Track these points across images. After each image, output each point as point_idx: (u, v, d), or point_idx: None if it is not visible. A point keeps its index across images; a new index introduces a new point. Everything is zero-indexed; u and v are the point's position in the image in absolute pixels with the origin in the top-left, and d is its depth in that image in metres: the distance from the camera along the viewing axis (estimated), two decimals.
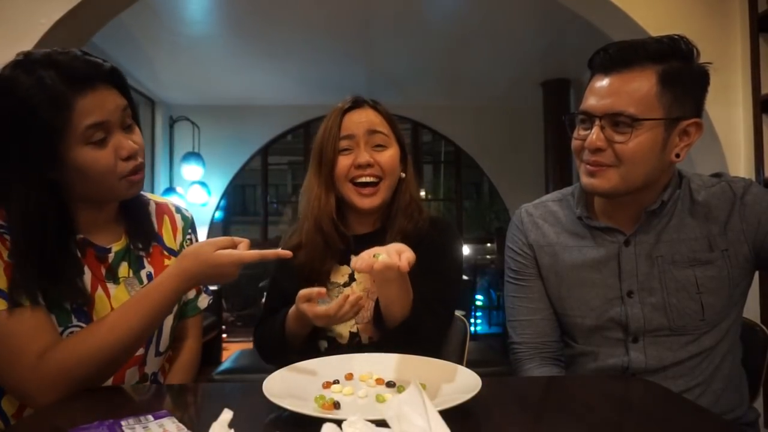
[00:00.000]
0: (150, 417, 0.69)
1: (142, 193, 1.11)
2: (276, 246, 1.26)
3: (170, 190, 5.03)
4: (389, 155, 1.12)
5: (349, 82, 4.95)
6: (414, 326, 1.02)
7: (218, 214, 5.67)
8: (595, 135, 0.98)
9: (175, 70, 4.60)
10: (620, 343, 1.07)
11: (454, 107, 5.63)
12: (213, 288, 4.55)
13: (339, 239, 1.14)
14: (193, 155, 5.18)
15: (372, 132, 1.11)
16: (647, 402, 0.83)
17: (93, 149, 0.92)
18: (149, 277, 1.08)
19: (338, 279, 1.17)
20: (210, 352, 4.16)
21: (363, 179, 1.10)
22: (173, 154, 5.39)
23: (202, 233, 5.47)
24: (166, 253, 1.13)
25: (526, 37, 4.02)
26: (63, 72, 0.89)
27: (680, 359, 1.04)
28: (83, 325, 0.96)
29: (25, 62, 0.92)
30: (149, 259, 1.10)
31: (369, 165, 1.10)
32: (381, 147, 1.12)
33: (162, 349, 1.11)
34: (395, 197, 1.18)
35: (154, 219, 1.14)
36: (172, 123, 5.39)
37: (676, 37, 0.98)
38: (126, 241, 1.07)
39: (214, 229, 5.62)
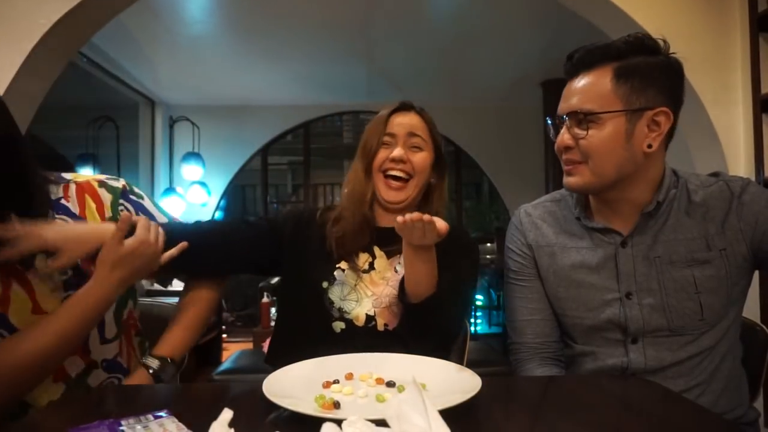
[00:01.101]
0: (150, 417, 0.69)
1: (62, 175, 1.10)
2: None
3: (170, 190, 5.03)
4: (422, 156, 1.20)
5: (349, 82, 4.95)
6: (437, 306, 1.05)
7: (218, 214, 5.67)
8: (563, 135, 1.05)
9: (175, 70, 4.60)
10: (619, 343, 1.07)
11: (454, 107, 5.62)
12: None
13: (366, 226, 1.21)
14: (193, 155, 5.18)
15: (411, 134, 1.20)
16: (647, 402, 0.83)
17: None
18: (74, 268, 1.03)
19: (359, 264, 1.20)
20: (210, 352, 4.16)
21: (394, 172, 1.19)
22: (173, 154, 5.39)
23: None
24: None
25: (526, 37, 4.02)
26: None
27: (680, 359, 1.04)
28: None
29: None
30: None
31: (402, 161, 1.18)
32: (417, 148, 1.21)
33: (109, 336, 1.09)
34: (424, 202, 1.25)
35: (75, 203, 1.08)
36: (172, 123, 5.39)
37: (640, 35, 1.03)
38: None
39: None
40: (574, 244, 1.12)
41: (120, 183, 1.15)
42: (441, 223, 0.95)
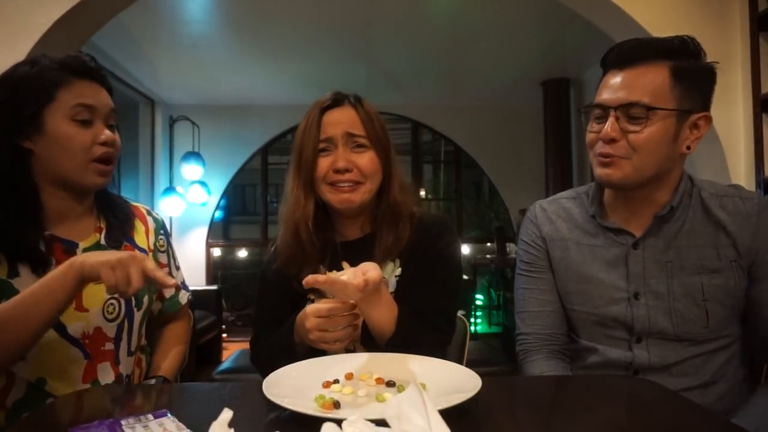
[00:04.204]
0: (150, 417, 0.69)
1: (122, 196, 1.19)
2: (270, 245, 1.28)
3: (170, 189, 5.02)
4: (368, 158, 1.07)
5: (349, 81, 4.94)
6: (403, 342, 0.99)
7: (218, 214, 5.66)
8: (609, 126, 1.01)
9: (175, 70, 4.60)
10: (624, 342, 1.08)
11: (454, 107, 5.62)
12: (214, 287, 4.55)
13: (319, 245, 1.09)
14: (193, 155, 5.17)
15: (350, 135, 1.07)
16: (648, 401, 0.82)
17: (75, 126, 1.00)
18: None
19: None
20: (210, 352, 4.16)
21: (342, 184, 1.06)
22: (173, 153, 5.38)
23: (201, 233, 5.47)
24: (137, 252, 1.16)
25: (526, 36, 4.01)
26: (63, 62, 1.01)
27: (683, 358, 1.05)
28: None
29: (31, 59, 1.02)
30: None
31: (347, 170, 1.06)
32: (361, 148, 1.08)
33: (133, 348, 1.13)
34: (380, 201, 1.13)
35: None
36: (172, 123, 5.38)
37: (685, 37, 1.03)
38: (96, 238, 1.09)
39: (214, 229, 5.62)
40: (587, 241, 1.13)
41: (160, 217, 1.28)
42: (358, 280, 0.86)
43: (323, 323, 0.94)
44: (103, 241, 1.10)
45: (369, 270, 0.90)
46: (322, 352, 0.98)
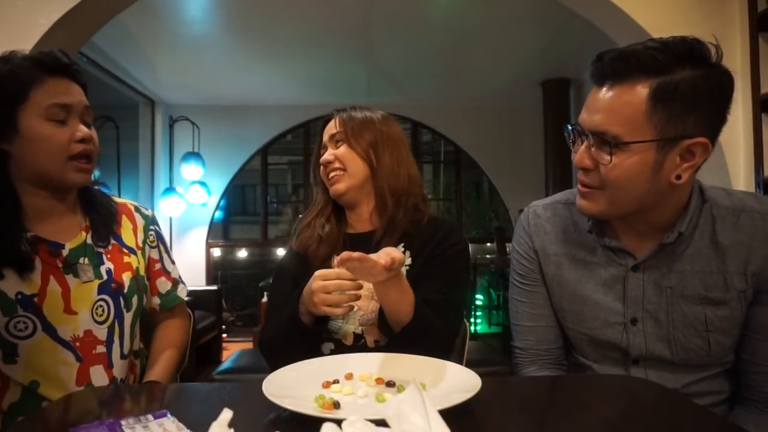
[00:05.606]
0: (150, 417, 0.69)
1: (109, 195, 1.18)
2: (276, 244, 1.30)
3: (170, 189, 5.02)
4: (342, 149, 1.22)
5: (349, 81, 4.94)
6: (420, 329, 1.04)
7: (218, 214, 5.66)
8: (582, 152, 0.93)
9: (175, 70, 4.60)
10: (620, 362, 1.06)
11: (454, 107, 5.62)
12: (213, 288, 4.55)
13: (333, 235, 1.23)
14: (193, 155, 5.17)
15: (331, 137, 1.24)
16: (647, 401, 0.83)
17: (52, 126, 0.99)
18: (108, 273, 1.09)
19: None
20: (210, 352, 4.16)
21: (331, 176, 1.23)
22: (173, 154, 5.38)
23: (201, 233, 5.47)
24: (125, 250, 1.15)
25: (526, 36, 4.01)
26: (36, 59, 1.00)
27: (683, 383, 1.02)
28: (30, 315, 0.98)
29: (3, 56, 1.01)
30: (108, 256, 1.12)
31: (329, 162, 1.22)
32: (339, 143, 1.23)
33: (125, 351, 1.11)
34: (373, 183, 1.22)
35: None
36: (172, 123, 5.38)
37: (689, 39, 0.85)
38: (83, 237, 1.08)
39: (214, 229, 5.62)
40: (583, 257, 1.06)
41: (149, 212, 1.27)
42: (385, 258, 0.89)
43: (329, 286, 1.00)
44: (89, 241, 1.09)
45: (393, 252, 0.93)
46: (323, 325, 1.10)
